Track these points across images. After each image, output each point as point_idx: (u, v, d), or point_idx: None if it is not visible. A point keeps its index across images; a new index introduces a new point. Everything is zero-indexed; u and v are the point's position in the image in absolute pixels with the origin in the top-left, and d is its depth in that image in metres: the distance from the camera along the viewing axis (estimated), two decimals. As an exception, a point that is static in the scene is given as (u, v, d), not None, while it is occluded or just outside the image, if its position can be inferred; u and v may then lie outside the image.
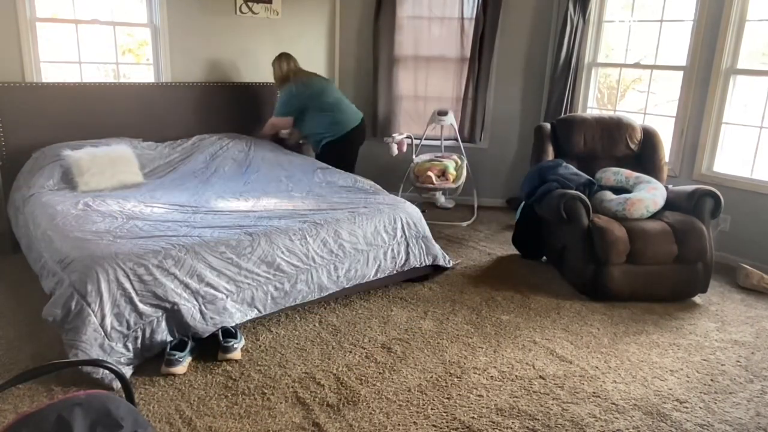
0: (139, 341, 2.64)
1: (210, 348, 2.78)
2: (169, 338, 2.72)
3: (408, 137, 5.20)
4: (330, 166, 4.40)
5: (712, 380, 2.76)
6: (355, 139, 4.76)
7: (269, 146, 4.71)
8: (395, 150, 5.01)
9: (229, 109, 4.92)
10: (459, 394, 2.56)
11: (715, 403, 2.58)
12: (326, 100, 4.63)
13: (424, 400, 2.51)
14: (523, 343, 3.03)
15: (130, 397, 1.56)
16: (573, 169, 3.97)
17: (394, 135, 5.09)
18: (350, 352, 2.88)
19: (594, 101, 5.27)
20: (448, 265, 3.89)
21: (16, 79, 3.99)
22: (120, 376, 1.53)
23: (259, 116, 5.07)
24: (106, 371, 2.48)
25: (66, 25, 4.25)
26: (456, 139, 5.32)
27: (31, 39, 4.00)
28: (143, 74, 4.70)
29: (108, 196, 3.61)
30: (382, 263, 3.47)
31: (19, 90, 3.96)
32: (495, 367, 2.79)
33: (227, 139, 4.63)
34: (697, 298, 3.67)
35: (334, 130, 4.64)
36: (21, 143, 4.00)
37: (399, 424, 2.34)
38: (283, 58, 4.70)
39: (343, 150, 4.69)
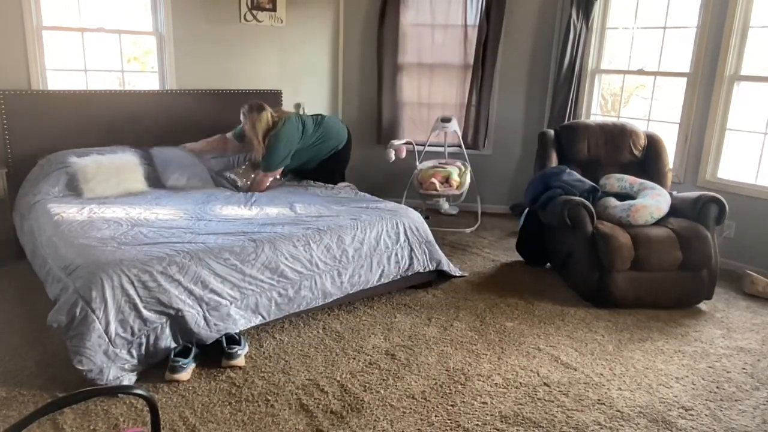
0: (143, 348, 2.64)
1: (214, 355, 2.78)
2: (173, 345, 2.72)
3: (408, 143, 5.21)
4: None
5: (717, 387, 2.74)
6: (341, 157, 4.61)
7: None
8: (392, 156, 4.99)
9: (233, 117, 4.93)
10: (463, 401, 2.55)
11: (721, 410, 2.56)
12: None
13: (428, 407, 2.50)
14: (527, 350, 3.02)
15: (156, 425, 1.48)
16: (577, 175, 3.96)
17: (393, 141, 5.10)
18: (354, 358, 2.88)
19: (598, 108, 5.27)
20: (453, 273, 3.88)
21: (23, 87, 4.02)
22: (151, 403, 1.46)
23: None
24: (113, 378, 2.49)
25: (72, 33, 4.29)
26: (460, 146, 5.33)
27: (37, 47, 4.03)
28: (148, 82, 4.73)
29: (113, 204, 3.62)
30: (386, 268, 3.47)
31: (25, 97, 3.99)
32: (499, 374, 2.78)
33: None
34: (703, 305, 3.65)
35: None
36: (27, 150, 4.02)
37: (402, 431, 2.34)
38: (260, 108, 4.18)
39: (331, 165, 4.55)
